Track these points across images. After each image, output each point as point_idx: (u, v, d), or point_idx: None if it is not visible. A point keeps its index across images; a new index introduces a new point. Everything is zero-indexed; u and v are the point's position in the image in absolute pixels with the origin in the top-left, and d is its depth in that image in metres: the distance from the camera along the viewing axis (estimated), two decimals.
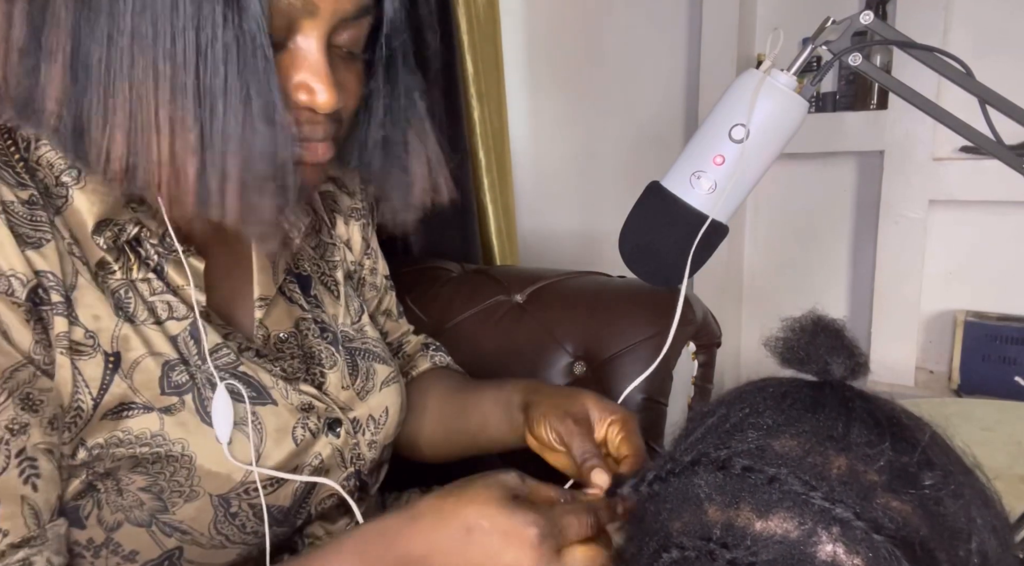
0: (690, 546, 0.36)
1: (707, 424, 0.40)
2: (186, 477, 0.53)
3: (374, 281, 0.80)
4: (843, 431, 0.36)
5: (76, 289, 0.50)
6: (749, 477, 0.35)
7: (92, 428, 0.50)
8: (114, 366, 0.51)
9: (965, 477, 0.36)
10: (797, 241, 1.85)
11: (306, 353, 0.65)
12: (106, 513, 0.53)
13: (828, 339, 0.39)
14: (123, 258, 0.54)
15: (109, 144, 0.45)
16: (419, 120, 0.62)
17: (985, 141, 0.55)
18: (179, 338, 0.55)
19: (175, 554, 0.55)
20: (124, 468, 0.52)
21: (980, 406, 1.29)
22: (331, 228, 0.74)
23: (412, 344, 0.86)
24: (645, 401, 0.97)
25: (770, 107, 0.55)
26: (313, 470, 0.60)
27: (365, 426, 0.66)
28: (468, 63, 1.51)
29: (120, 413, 0.51)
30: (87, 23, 0.44)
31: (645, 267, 0.62)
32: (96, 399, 0.50)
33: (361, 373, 0.68)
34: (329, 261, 0.72)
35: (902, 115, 1.55)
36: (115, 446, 0.51)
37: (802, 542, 0.33)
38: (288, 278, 0.67)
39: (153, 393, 0.53)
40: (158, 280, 0.55)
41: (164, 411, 0.53)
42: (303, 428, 0.59)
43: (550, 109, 2.02)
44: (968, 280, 1.66)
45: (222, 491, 0.55)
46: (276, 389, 0.59)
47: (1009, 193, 1.49)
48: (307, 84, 0.50)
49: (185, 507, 0.54)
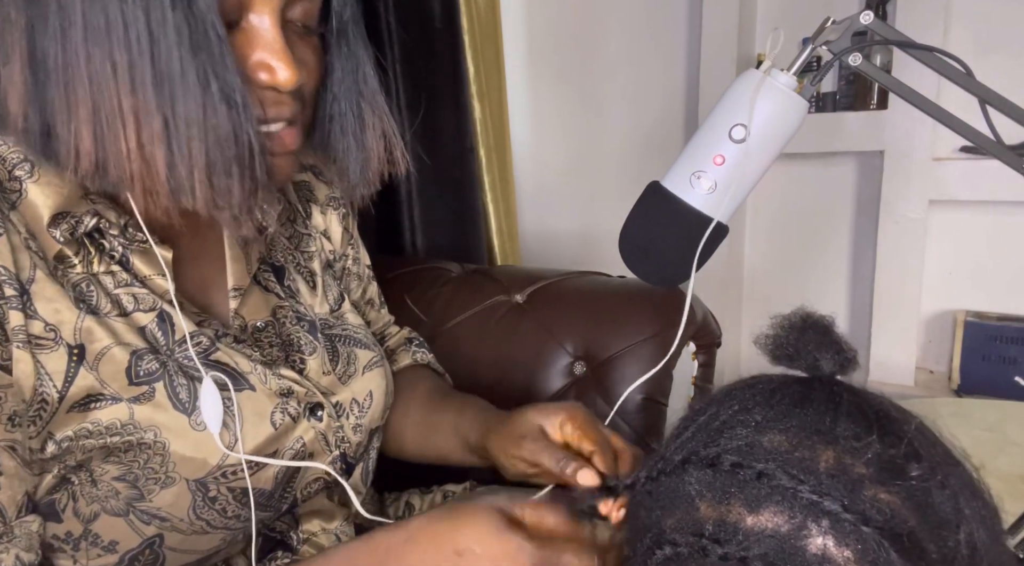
0: (683, 542, 0.37)
1: (698, 422, 0.41)
2: (160, 464, 0.53)
3: (358, 271, 0.80)
4: (831, 425, 0.36)
5: (34, 282, 0.50)
6: (738, 473, 0.36)
7: (59, 421, 0.50)
8: (79, 358, 0.51)
9: (953, 468, 0.37)
10: (797, 241, 1.86)
11: (284, 340, 0.64)
12: (82, 505, 0.52)
13: (817, 335, 0.40)
14: (83, 251, 0.53)
15: (77, 141, 0.45)
16: (372, 93, 0.60)
17: (985, 141, 0.55)
18: (147, 329, 0.54)
19: (156, 542, 0.55)
20: (96, 459, 0.52)
21: (980, 406, 1.29)
22: (306, 219, 0.74)
23: (395, 338, 0.86)
24: (645, 401, 0.97)
25: (770, 107, 0.55)
26: (295, 454, 0.60)
27: (349, 409, 0.66)
28: (469, 63, 1.51)
29: (88, 405, 0.51)
30: (40, 21, 0.43)
31: (645, 267, 0.62)
32: (61, 392, 0.50)
33: (342, 358, 0.68)
34: (304, 251, 0.72)
35: (902, 115, 1.55)
36: (85, 437, 0.50)
37: (792, 535, 0.34)
38: (262, 267, 0.67)
39: (121, 384, 0.52)
40: (123, 272, 0.54)
41: (133, 400, 0.52)
42: (282, 412, 0.59)
43: (551, 109, 2.03)
44: (968, 280, 1.66)
45: (198, 475, 0.54)
46: (254, 374, 0.59)
47: (1009, 193, 1.49)
48: (266, 62, 0.49)
49: (162, 494, 0.53)
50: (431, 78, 1.44)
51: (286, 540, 0.65)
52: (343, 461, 0.65)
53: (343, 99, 0.58)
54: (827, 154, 1.73)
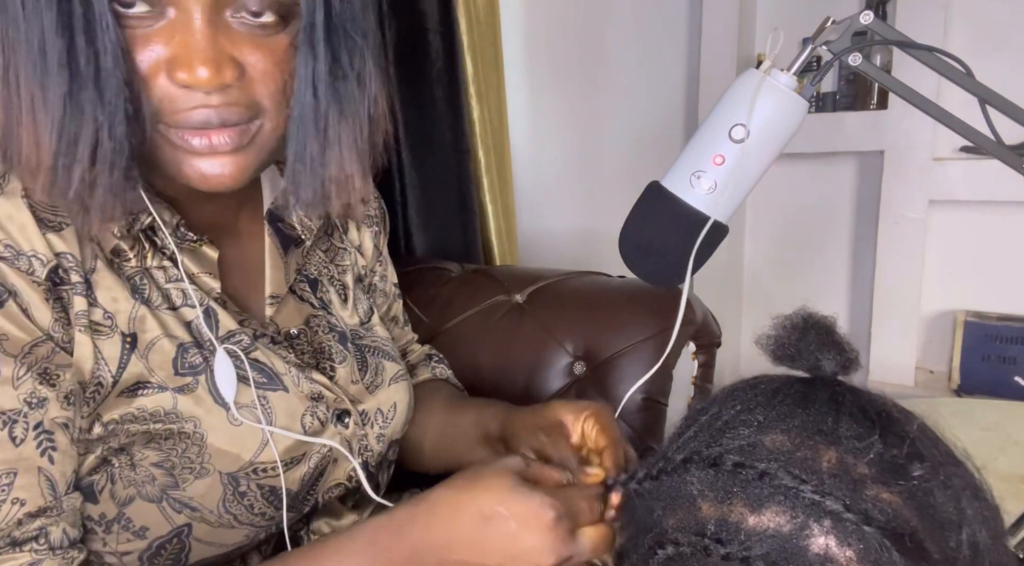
0: (685, 542, 0.37)
1: (700, 422, 0.41)
2: (197, 454, 0.55)
3: (384, 288, 0.81)
4: (833, 425, 0.36)
5: (95, 272, 0.53)
6: (740, 473, 0.36)
7: (108, 404, 0.52)
8: (131, 346, 0.53)
9: (955, 468, 0.37)
10: (797, 241, 1.86)
11: (316, 348, 0.66)
12: (119, 488, 0.54)
13: (818, 335, 0.40)
14: (137, 246, 0.55)
15: None
16: (343, 103, 0.53)
17: (985, 141, 0.55)
18: (193, 324, 0.57)
19: (184, 531, 0.56)
20: (138, 443, 0.54)
21: (980, 406, 1.29)
22: (343, 233, 0.76)
23: (416, 354, 0.87)
24: (645, 401, 0.97)
25: (770, 107, 0.55)
26: (321, 458, 0.62)
27: (373, 419, 0.67)
28: (468, 63, 1.51)
29: (135, 392, 0.53)
30: None
31: (645, 267, 0.62)
32: (115, 376, 0.52)
33: (370, 368, 0.69)
34: (339, 265, 0.74)
35: (902, 115, 1.55)
36: (130, 422, 0.53)
37: (794, 535, 0.34)
38: (298, 277, 0.68)
39: (167, 373, 0.54)
40: (173, 268, 0.57)
41: (178, 391, 0.54)
42: (312, 416, 0.61)
43: (550, 109, 2.02)
44: (968, 280, 1.66)
45: (232, 469, 0.56)
46: (288, 376, 0.60)
47: (1009, 193, 1.49)
48: (184, 59, 0.46)
49: (195, 484, 0.55)
50: (430, 78, 1.43)
51: (297, 538, 0.66)
52: (364, 469, 0.66)
53: (306, 108, 0.51)
54: (827, 154, 1.73)
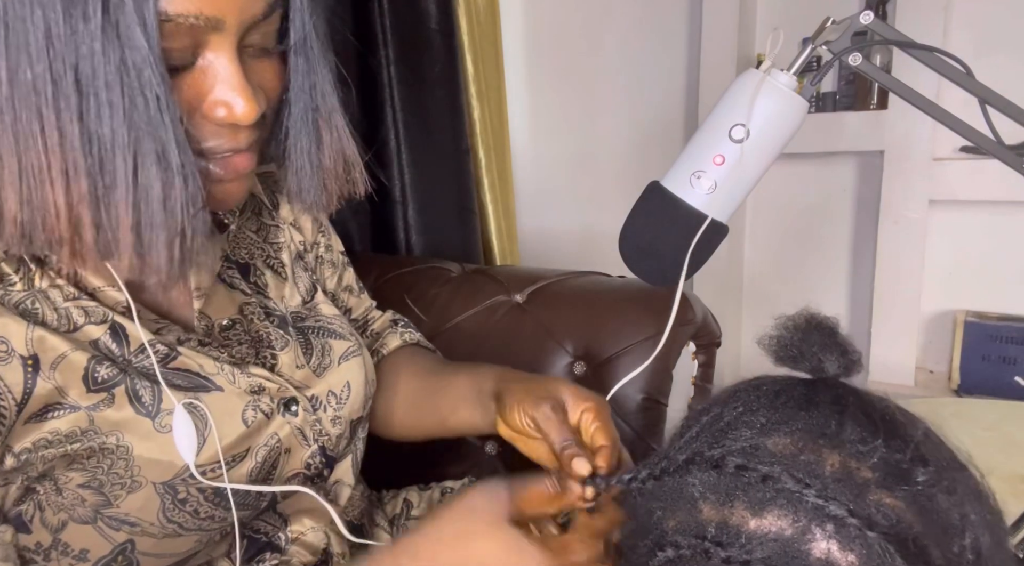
0: (685, 545, 0.36)
1: (701, 423, 0.40)
2: (125, 468, 0.52)
3: (331, 258, 0.79)
4: (836, 428, 0.36)
5: None
6: (743, 475, 0.35)
7: (16, 433, 0.49)
8: (34, 368, 0.49)
9: (958, 473, 0.37)
10: (797, 241, 1.86)
11: (254, 337, 0.64)
12: (49, 514, 0.52)
13: (821, 337, 0.39)
14: (23, 267, 0.51)
15: (1, 203, 0.43)
16: (330, 110, 0.58)
17: (985, 141, 0.55)
18: (100, 342, 0.53)
19: (127, 547, 0.54)
20: (59, 467, 0.51)
21: (980, 406, 1.29)
22: (273, 210, 0.73)
23: (379, 321, 0.85)
24: (645, 401, 0.97)
25: (770, 107, 0.55)
26: (270, 449, 0.60)
27: (326, 402, 0.65)
28: (468, 63, 1.51)
29: (44, 416, 0.50)
30: None
31: (645, 267, 0.62)
32: (20, 404, 0.49)
33: (316, 350, 0.67)
34: (273, 243, 0.71)
35: (902, 115, 1.55)
36: (44, 448, 0.50)
37: (796, 540, 0.33)
38: (225, 264, 0.66)
39: (79, 391, 0.51)
40: (69, 286, 0.52)
41: (92, 408, 0.51)
42: (254, 410, 0.59)
43: (550, 108, 2.02)
44: (968, 280, 1.66)
45: (166, 478, 0.53)
46: (221, 375, 0.58)
47: (1009, 193, 1.49)
48: (223, 100, 0.48)
49: (129, 499, 0.52)
50: (430, 78, 1.43)
51: (274, 541, 0.64)
52: (322, 455, 0.65)
53: (299, 116, 0.56)
54: (827, 154, 1.73)
